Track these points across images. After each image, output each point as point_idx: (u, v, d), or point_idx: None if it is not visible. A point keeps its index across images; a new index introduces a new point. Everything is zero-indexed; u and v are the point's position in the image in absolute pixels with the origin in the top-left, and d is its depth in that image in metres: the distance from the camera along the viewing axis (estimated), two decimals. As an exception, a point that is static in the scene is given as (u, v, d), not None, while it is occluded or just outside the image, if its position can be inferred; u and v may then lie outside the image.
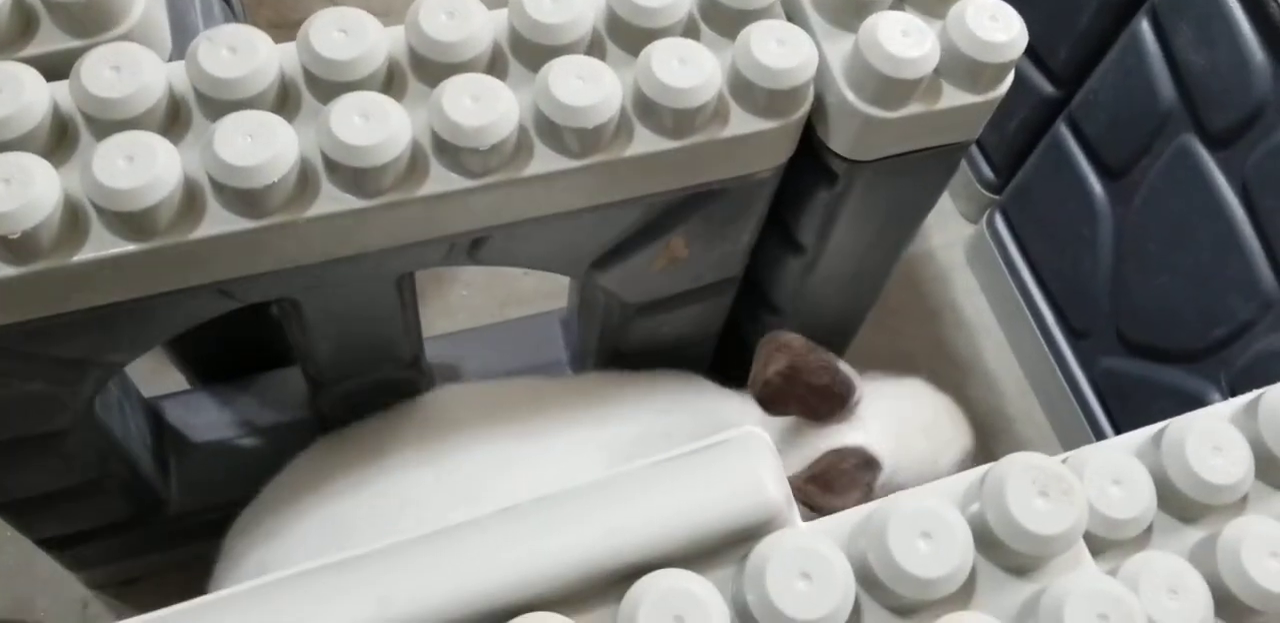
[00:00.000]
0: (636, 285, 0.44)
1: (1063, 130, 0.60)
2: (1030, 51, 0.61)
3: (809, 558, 0.27)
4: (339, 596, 0.26)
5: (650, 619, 0.26)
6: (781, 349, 0.45)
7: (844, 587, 0.27)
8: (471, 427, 0.47)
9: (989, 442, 0.63)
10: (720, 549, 0.28)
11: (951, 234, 0.71)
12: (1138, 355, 0.58)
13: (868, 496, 0.44)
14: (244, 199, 0.33)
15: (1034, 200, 0.64)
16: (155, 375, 0.56)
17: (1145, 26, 0.52)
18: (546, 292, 0.66)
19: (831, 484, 0.43)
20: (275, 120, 0.33)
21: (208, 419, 0.52)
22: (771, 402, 0.45)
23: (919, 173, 0.41)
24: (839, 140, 0.39)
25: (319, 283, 0.38)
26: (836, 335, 0.53)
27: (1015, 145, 0.65)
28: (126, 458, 0.46)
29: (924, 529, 0.28)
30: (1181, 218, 0.53)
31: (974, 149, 0.69)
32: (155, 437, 0.50)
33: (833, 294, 0.49)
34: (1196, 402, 0.54)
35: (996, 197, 0.68)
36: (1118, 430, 0.60)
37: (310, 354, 0.44)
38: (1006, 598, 0.29)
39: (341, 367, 0.45)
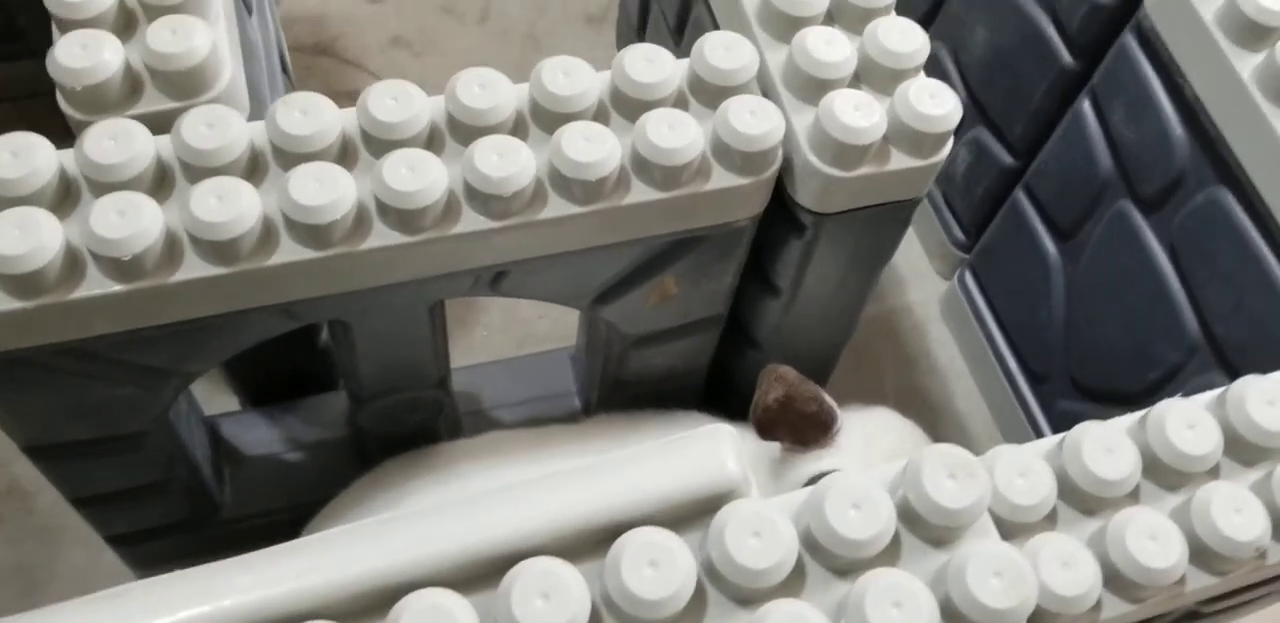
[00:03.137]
0: (633, 319, 0.51)
1: (1020, 196, 0.67)
2: (992, 126, 0.69)
3: (760, 521, 0.34)
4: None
5: (631, 564, 0.33)
6: (779, 380, 0.51)
7: (789, 545, 0.34)
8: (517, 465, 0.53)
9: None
10: (690, 516, 0.34)
11: (928, 290, 0.78)
12: (1088, 398, 0.65)
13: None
14: (311, 234, 0.40)
15: (998, 259, 0.71)
16: (212, 398, 0.64)
17: (1086, 106, 0.60)
18: (559, 335, 0.73)
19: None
20: (338, 170, 0.41)
21: (258, 436, 0.59)
22: (767, 428, 0.51)
23: (876, 224, 0.49)
24: (805, 195, 0.46)
25: (367, 307, 0.45)
26: (815, 371, 0.60)
27: (981, 210, 0.73)
28: (190, 462, 0.53)
29: (855, 501, 0.34)
30: (1120, 273, 0.60)
31: (946, 212, 0.77)
32: (213, 448, 0.57)
33: (809, 331, 0.56)
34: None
35: (967, 255, 0.75)
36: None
37: (354, 373, 0.51)
38: (926, 563, 0.35)
39: (380, 384, 0.52)
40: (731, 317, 0.55)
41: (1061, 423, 0.67)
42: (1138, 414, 0.40)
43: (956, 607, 0.34)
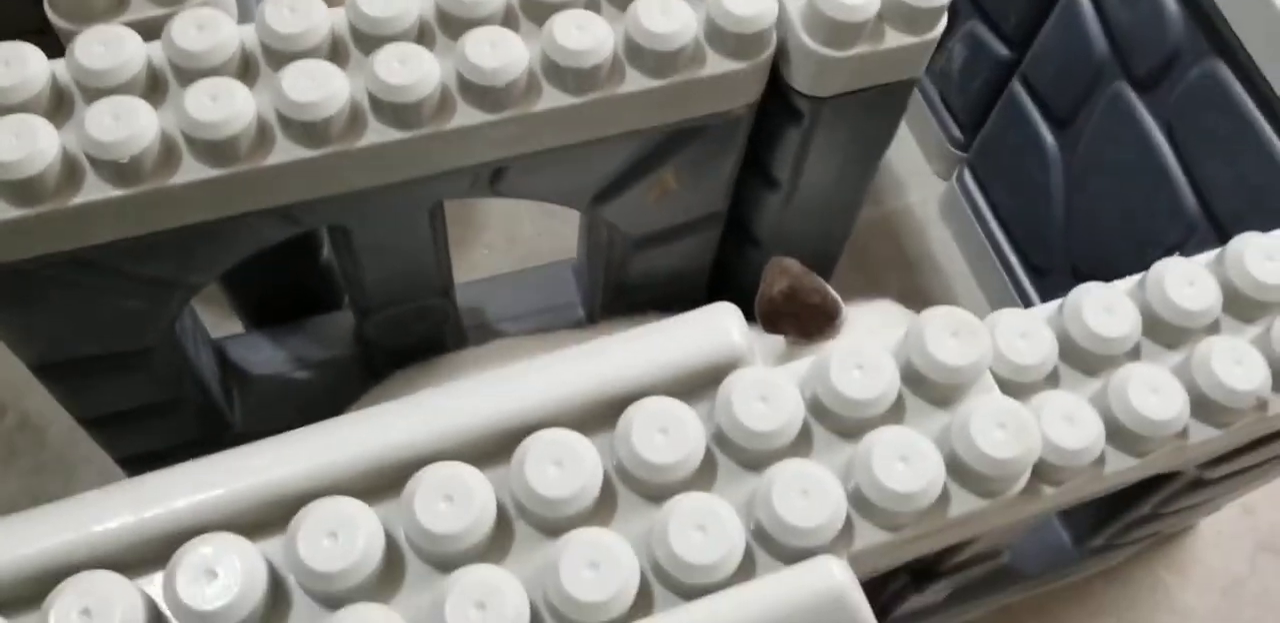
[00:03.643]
0: (634, 218, 0.51)
1: (1017, 88, 0.67)
2: (986, 19, 0.69)
3: (767, 387, 0.34)
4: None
5: (641, 431, 0.33)
6: (783, 272, 0.51)
7: (794, 409, 0.34)
8: None
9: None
10: (697, 386, 0.34)
11: (927, 191, 0.78)
12: (1090, 286, 0.65)
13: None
14: (306, 132, 0.40)
15: (996, 154, 0.71)
16: (219, 324, 0.64)
17: (1079, -12, 0.60)
18: (561, 250, 0.73)
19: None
20: (330, 67, 0.40)
21: (265, 356, 0.59)
22: (772, 320, 0.51)
23: (873, 109, 0.48)
24: (800, 79, 0.46)
25: (366, 210, 0.45)
26: (817, 268, 0.60)
27: (978, 105, 0.72)
28: (199, 381, 0.53)
29: (859, 363, 0.35)
30: (1118, 156, 0.60)
31: (943, 111, 0.76)
32: (221, 369, 0.57)
33: (809, 227, 0.56)
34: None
35: (964, 154, 0.75)
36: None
37: (358, 282, 0.51)
38: (930, 421, 0.35)
39: (385, 294, 0.52)
40: (731, 216, 0.55)
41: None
42: (1137, 276, 0.40)
43: (961, 459, 0.34)
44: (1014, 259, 0.71)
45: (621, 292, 0.58)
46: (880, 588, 0.53)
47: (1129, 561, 0.69)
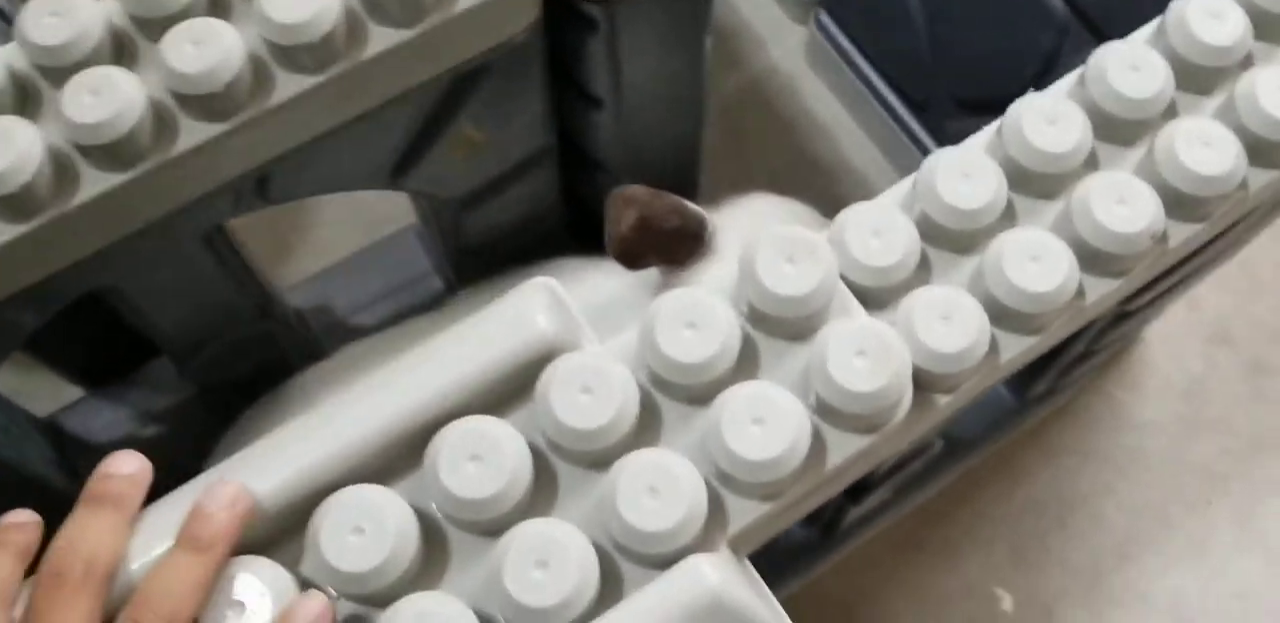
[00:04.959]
0: (448, 181, 0.44)
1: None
2: None
3: (588, 374, 0.28)
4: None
5: (449, 463, 0.27)
6: (629, 203, 0.44)
7: (624, 394, 0.28)
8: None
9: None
10: (514, 389, 0.29)
11: (787, 42, 0.70)
12: (973, 112, 0.58)
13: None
14: (7, 205, 0.33)
15: (844, -12, 0.63)
16: (62, 391, 0.56)
17: None
18: (407, 208, 0.65)
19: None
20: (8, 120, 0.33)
21: (104, 420, 0.52)
22: (632, 258, 0.45)
23: (673, -2, 0.41)
24: (578, -15, 0.38)
25: (121, 265, 0.37)
26: (677, 174, 0.53)
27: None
28: (32, 484, 0.46)
29: (690, 320, 0.29)
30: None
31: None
32: (58, 450, 0.50)
33: (653, 140, 0.49)
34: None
35: (814, -4, 0.67)
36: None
37: (156, 331, 0.43)
38: (786, 363, 0.30)
39: (191, 336, 0.45)
40: (566, 145, 0.48)
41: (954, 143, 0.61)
42: (993, 126, 0.34)
43: (826, 401, 0.29)
44: (893, 99, 0.64)
45: (470, 254, 0.50)
46: (818, 513, 0.48)
47: (1079, 391, 0.65)
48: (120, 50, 0.35)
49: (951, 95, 0.59)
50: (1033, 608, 0.61)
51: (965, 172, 0.31)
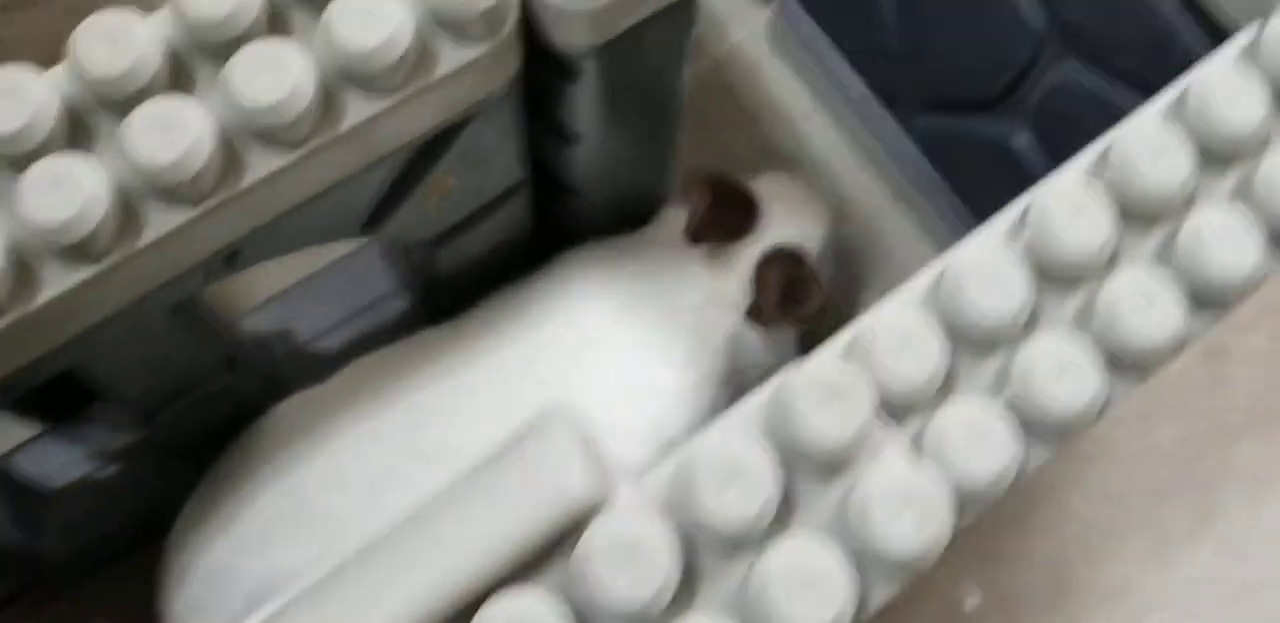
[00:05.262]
0: (421, 226, 0.42)
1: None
2: None
3: (629, 545, 0.26)
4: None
5: None
6: (706, 188, 0.48)
7: (667, 565, 0.26)
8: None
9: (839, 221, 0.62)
10: (548, 554, 0.27)
11: (749, 25, 0.68)
12: (944, 110, 0.57)
13: (817, 282, 0.47)
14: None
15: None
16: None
17: None
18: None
19: (797, 295, 0.46)
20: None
21: (61, 461, 0.49)
22: (703, 235, 0.47)
23: (654, 38, 0.39)
24: (561, 35, 0.36)
25: (84, 352, 0.35)
26: (652, 192, 0.51)
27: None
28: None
29: (730, 472, 0.27)
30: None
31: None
32: (12, 498, 0.48)
33: (632, 162, 0.47)
34: (1003, 147, 0.53)
35: (779, -24, 0.65)
36: (949, 181, 0.59)
37: (119, 398, 0.41)
38: (821, 508, 0.29)
39: (156, 398, 0.43)
40: (539, 174, 0.46)
41: (923, 138, 0.60)
42: (1010, 216, 0.32)
43: (873, 551, 0.27)
44: (860, 89, 0.62)
45: (439, 283, 0.49)
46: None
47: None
48: (76, 134, 0.32)
49: (921, 91, 0.58)
50: (998, 603, 0.61)
51: (988, 273, 0.30)
